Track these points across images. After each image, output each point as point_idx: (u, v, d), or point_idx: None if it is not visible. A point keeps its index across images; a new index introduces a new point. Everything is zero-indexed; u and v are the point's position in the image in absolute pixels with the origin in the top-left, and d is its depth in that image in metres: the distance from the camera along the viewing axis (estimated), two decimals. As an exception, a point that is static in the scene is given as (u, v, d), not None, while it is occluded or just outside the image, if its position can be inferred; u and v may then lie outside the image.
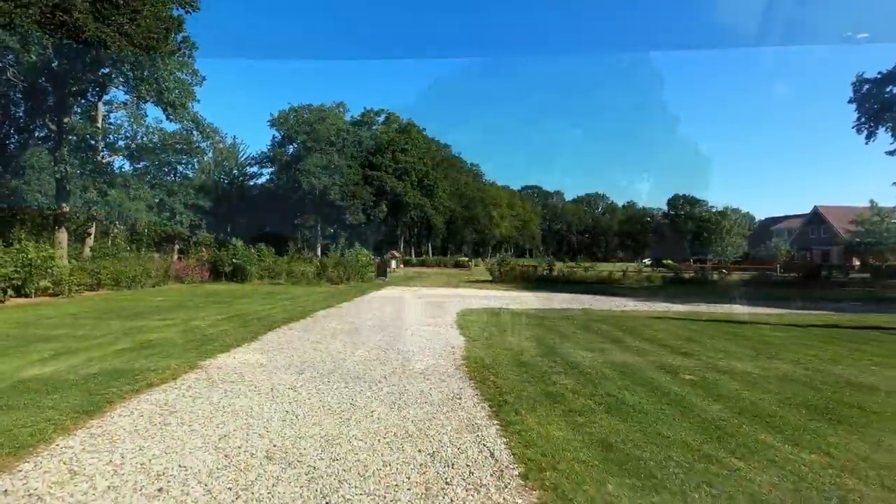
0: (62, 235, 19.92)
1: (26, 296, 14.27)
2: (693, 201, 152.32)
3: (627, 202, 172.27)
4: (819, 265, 38.34)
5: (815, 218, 56.98)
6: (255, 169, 50.51)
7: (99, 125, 33.09)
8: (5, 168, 27.57)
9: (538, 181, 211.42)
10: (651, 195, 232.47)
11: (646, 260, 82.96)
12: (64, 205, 20.07)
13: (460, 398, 5.13)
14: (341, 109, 50.31)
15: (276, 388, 5.39)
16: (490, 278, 29.88)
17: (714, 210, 55.37)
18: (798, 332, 10.38)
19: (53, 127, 19.44)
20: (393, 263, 39.88)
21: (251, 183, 51.42)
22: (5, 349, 7.05)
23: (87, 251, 32.37)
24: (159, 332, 8.91)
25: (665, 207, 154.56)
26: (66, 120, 19.66)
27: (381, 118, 56.34)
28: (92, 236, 33.43)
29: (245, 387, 5.42)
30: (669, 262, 68.09)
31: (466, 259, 57.52)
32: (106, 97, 34.14)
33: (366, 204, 47.00)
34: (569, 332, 9.75)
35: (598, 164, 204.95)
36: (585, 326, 10.54)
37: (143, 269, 19.42)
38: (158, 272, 20.84)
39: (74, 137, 21.10)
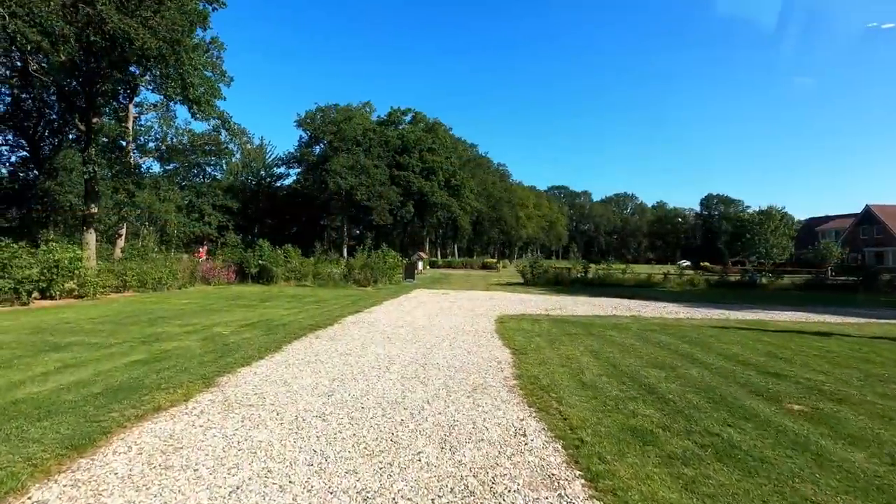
0: (90, 236, 19.86)
1: (52, 298, 14.02)
2: (728, 201, 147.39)
3: (657, 202, 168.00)
4: (878, 268, 35.70)
5: (868, 217, 53.53)
6: (282, 169, 50.70)
7: (129, 127, 33.66)
8: (40, 170, 28.04)
9: (565, 181, 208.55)
10: (683, 195, 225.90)
11: (682, 262, 79.98)
12: (93, 206, 20.02)
13: (524, 434, 4.19)
14: (368, 109, 49.98)
15: (302, 416, 4.56)
16: (521, 280, 28.78)
17: (755, 210, 52.46)
18: None
19: (82, 127, 19.36)
20: (420, 265, 39.16)
21: (278, 184, 51.58)
22: (10, 360, 6.47)
23: (117, 252, 32.85)
24: (178, 340, 8.27)
25: (697, 208, 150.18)
26: (94, 120, 19.61)
27: (408, 117, 55.80)
28: (123, 237, 33.91)
29: (266, 413, 4.61)
30: (706, 264, 65.43)
31: (494, 260, 56.40)
32: (136, 99, 34.75)
33: (392, 204, 46.47)
34: (626, 343, 8.67)
35: (628, 163, 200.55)
36: (643, 337, 9.43)
37: (170, 270, 19.13)
38: (185, 274, 20.56)
39: (105, 139, 21.11)
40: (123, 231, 33.75)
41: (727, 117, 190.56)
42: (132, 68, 18.70)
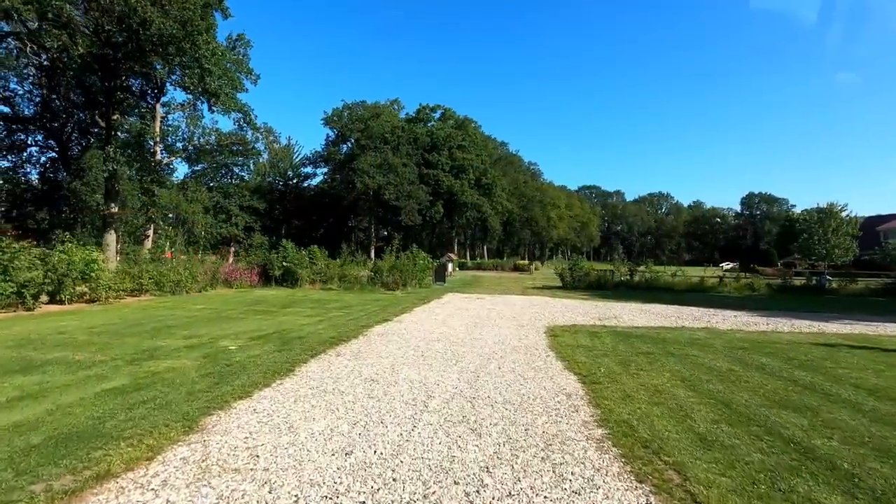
0: (111, 237, 19.21)
1: (61, 302, 13.16)
2: (771, 199, 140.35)
3: (694, 202, 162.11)
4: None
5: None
6: (309, 169, 50.10)
7: (157, 127, 33.43)
8: (68, 170, 27.93)
9: (597, 180, 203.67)
10: (721, 194, 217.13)
11: (725, 264, 75.82)
12: (113, 205, 19.36)
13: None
14: (396, 107, 48.88)
15: (306, 494, 3.09)
16: (559, 284, 26.92)
17: (813, 208, 48.63)
18: None
19: (103, 124, 18.72)
20: (449, 266, 37.69)
21: (305, 184, 51.08)
22: (-40, 386, 5.27)
23: (145, 253, 32.64)
24: (175, 357, 7.00)
25: (737, 207, 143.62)
26: (115, 117, 18.95)
27: (437, 114, 54.34)
28: (150, 238, 33.72)
29: (253, 488, 3.15)
30: (757, 266, 61.44)
31: (526, 262, 54.39)
32: (163, 98, 34.55)
33: (421, 204, 45.10)
34: (721, 368, 6.91)
35: (663, 161, 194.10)
36: (737, 359, 7.63)
37: (189, 272, 18.23)
38: (205, 276, 19.68)
39: (126, 135, 20.51)
40: (151, 232, 33.64)
41: (767, 114, 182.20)
42: (149, 61, 17.74)
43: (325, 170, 50.68)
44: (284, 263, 22.16)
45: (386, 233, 56.12)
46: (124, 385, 5.48)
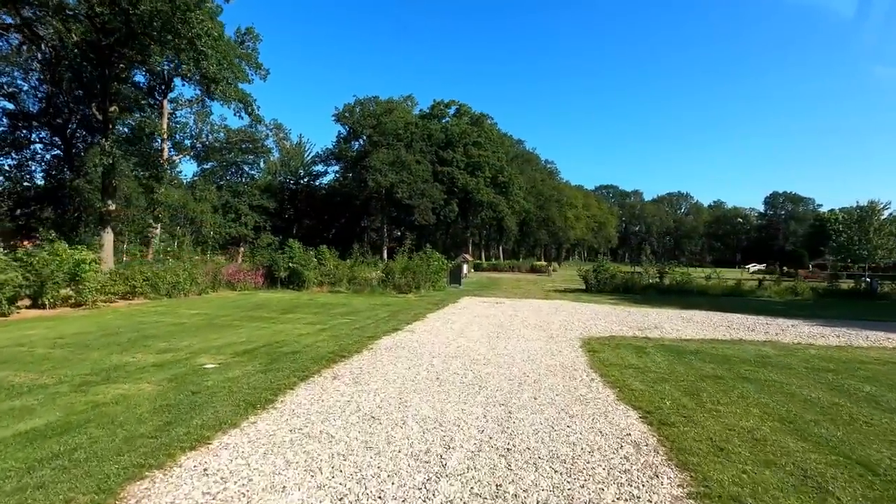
0: (108, 237, 18.21)
1: (42, 307, 12.09)
2: (797, 199, 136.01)
3: (714, 201, 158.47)
4: None
5: None
6: (320, 167, 49.02)
7: (164, 124, 32.67)
8: (70, 167, 27.24)
9: (614, 180, 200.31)
10: (742, 194, 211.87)
11: (751, 265, 72.97)
12: (110, 202, 18.37)
13: None
14: (410, 103, 47.62)
15: None
16: (583, 287, 25.34)
17: (854, 206, 46.01)
18: None
19: (99, 116, 17.75)
20: (465, 268, 36.30)
21: (317, 183, 50.07)
22: None
23: (151, 254, 31.91)
24: (136, 380, 5.76)
25: (759, 207, 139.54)
26: (112, 109, 17.97)
27: (452, 110, 52.76)
28: (157, 238, 33.00)
29: None
30: (787, 267, 58.79)
31: (544, 263, 52.68)
32: (171, 95, 33.83)
33: (435, 203, 43.67)
34: (822, 400, 5.42)
35: (682, 160, 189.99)
36: (831, 384, 6.13)
37: (188, 274, 17.15)
38: (206, 278, 18.60)
39: (126, 129, 19.58)
40: (157, 232, 32.91)
41: (791, 111, 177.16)
42: (143, 44, 16.66)
43: (337, 168, 49.66)
44: (290, 265, 21.00)
45: (399, 233, 54.98)
46: (48, 424, 4.21)
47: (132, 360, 6.89)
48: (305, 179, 48.89)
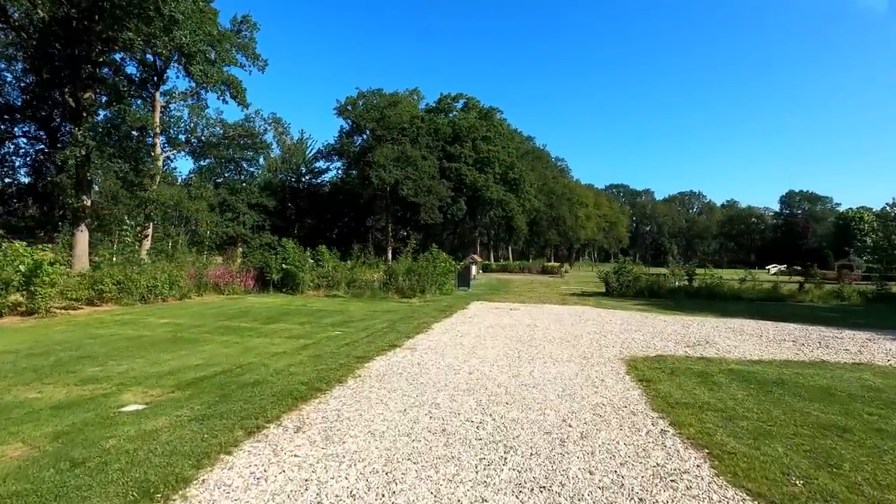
0: (81, 236, 16.62)
1: (-15, 316, 10.46)
2: (814, 198, 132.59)
3: (727, 201, 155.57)
4: None
5: None
6: (321, 163, 47.23)
7: (157, 117, 31.16)
8: (51, 161, 25.77)
9: (624, 179, 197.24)
10: (756, 193, 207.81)
11: (772, 267, 70.35)
12: (84, 197, 16.77)
13: None
14: (416, 97, 45.78)
15: None
16: (602, 290, 23.45)
17: (888, 205, 43.43)
18: None
19: (72, 102, 16.16)
20: (473, 269, 34.48)
21: (318, 180, 48.35)
22: None
23: (143, 254, 30.38)
24: (1, 437, 3.99)
25: (774, 206, 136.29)
26: (86, 95, 16.37)
27: (460, 104, 50.80)
28: (150, 238, 31.48)
29: None
30: (812, 268, 56.18)
31: (557, 264, 50.69)
32: (163, 87, 32.31)
33: (442, 201, 41.73)
34: None
35: (694, 158, 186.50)
36: None
37: (167, 276, 15.50)
38: (188, 281, 16.96)
39: (104, 116, 17.98)
40: (150, 231, 31.39)
41: (808, 108, 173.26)
42: (113, 16, 14.99)
43: (339, 164, 47.95)
44: (284, 266, 19.32)
45: (405, 233, 53.20)
46: None
47: (36, 395, 5.18)
48: (307, 177, 47.25)
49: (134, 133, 19.51)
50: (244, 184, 38.53)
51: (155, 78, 31.16)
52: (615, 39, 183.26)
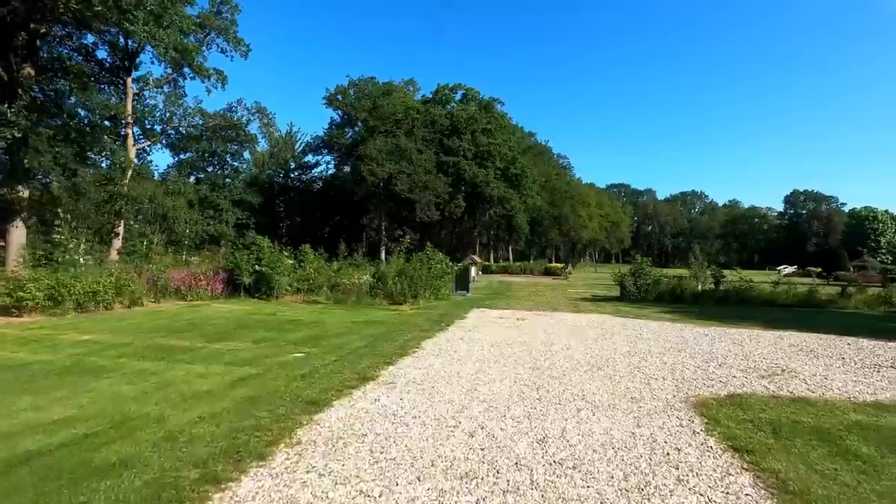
0: (16, 232, 14.31)
1: None
2: (819, 197, 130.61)
3: (729, 201, 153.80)
4: None
5: None
6: (311, 158, 44.72)
7: (129, 105, 28.86)
8: None
9: (626, 178, 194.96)
10: (757, 192, 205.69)
11: (783, 268, 68.15)
12: (21, 187, 14.46)
13: None
14: (411, 88, 43.43)
15: None
16: (614, 293, 21.26)
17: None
18: None
19: (4, 75, 13.85)
20: (473, 271, 32.21)
21: (308, 176, 45.77)
22: None
23: (113, 255, 28.08)
24: None
25: (777, 206, 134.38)
26: (24, 68, 14.07)
27: (458, 95, 48.35)
28: (120, 237, 29.19)
29: None
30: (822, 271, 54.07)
31: (560, 265, 48.43)
32: (135, 73, 30.03)
33: (439, 197, 39.31)
34: None
35: (695, 158, 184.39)
36: None
37: (113, 281, 13.21)
38: (145, 285, 14.69)
39: (37, 93, 15.60)
40: (121, 230, 29.06)
41: (817, 107, 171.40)
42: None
43: (330, 158, 45.48)
44: (257, 267, 17.02)
45: (402, 232, 50.81)
46: None
47: None
48: (296, 173, 44.80)
49: (80, 112, 17.12)
50: (227, 179, 36.20)
51: (126, 62, 28.91)
52: (616, 38, 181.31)
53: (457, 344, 9.01)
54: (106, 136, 31.37)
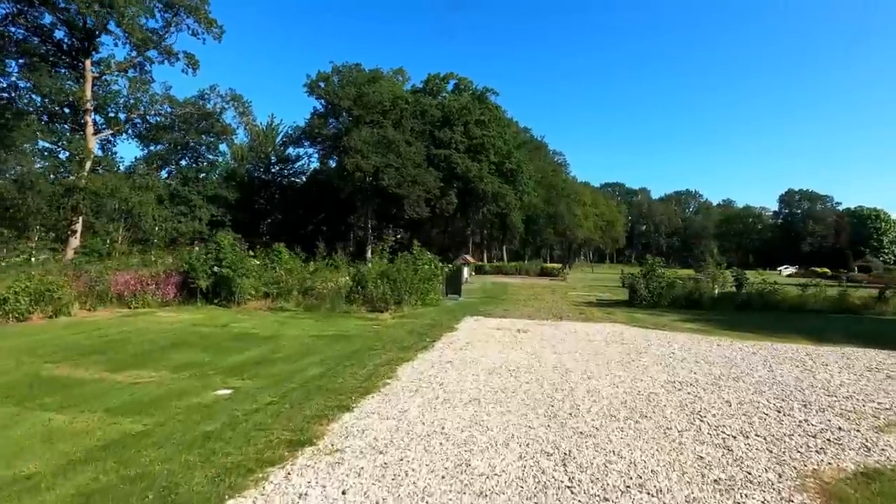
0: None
1: None
2: (814, 197, 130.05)
3: (724, 200, 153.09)
4: None
5: None
6: (292, 150, 42.14)
7: (87, 90, 26.47)
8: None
9: (620, 177, 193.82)
10: (751, 192, 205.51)
11: (783, 268, 66.84)
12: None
13: None
14: (400, 78, 41.09)
15: None
16: (621, 297, 19.29)
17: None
18: None
19: None
20: (465, 272, 30.11)
21: (290, 169, 43.17)
22: None
23: (69, 254, 25.70)
24: None
25: (771, 205, 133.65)
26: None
27: (450, 85, 45.89)
28: (78, 235, 26.79)
29: None
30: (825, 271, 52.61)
31: (558, 266, 46.43)
32: (96, 56, 27.65)
33: (430, 193, 36.97)
34: None
35: (689, 157, 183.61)
36: None
37: (30, 287, 10.95)
38: (79, 290, 12.46)
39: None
40: (78, 227, 26.65)
41: (810, 107, 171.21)
42: None
43: (313, 152, 43.00)
44: (216, 269, 14.77)
45: (392, 230, 48.54)
46: None
47: None
48: (277, 167, 42.25)
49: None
50: (202, 174, 33.69)
51: (85, 44, 26.48)
52: (610, 37, 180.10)
53: (443, 371, 6.90)
54: (65, 125, 29.07)
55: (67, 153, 26.72)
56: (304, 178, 44.23)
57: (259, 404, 5.23)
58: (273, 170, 42.02)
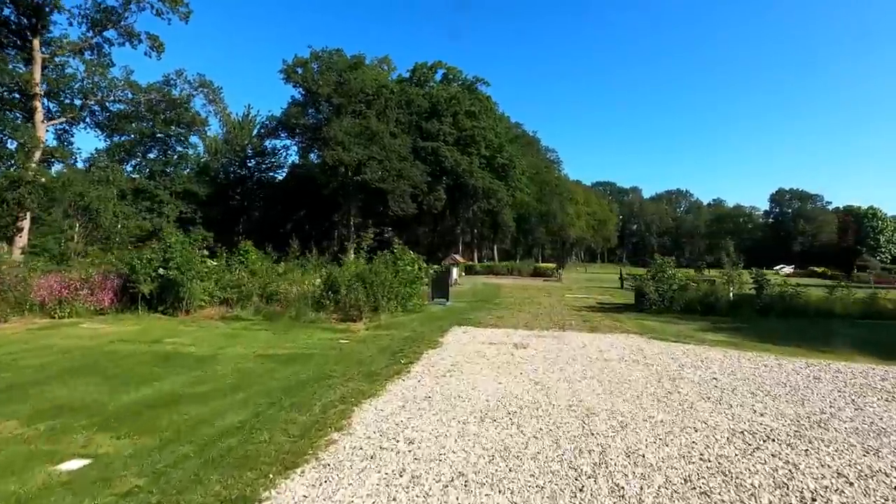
0: None
1: None
2: (804, 196, 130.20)
3: (714, 199, 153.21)
4: None
5: None
6: (269, 143, 39.74)
7: (36, 73, 24.10)
8: None
9: (611, 176, 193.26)
10: (741, 191, 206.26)
11: (780, 267, 65.82)
12: None
13: None
14: (386, 67, 38.95)
15: None
16: (625, 300, 17.53)
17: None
18: None
19: None
20: (454, 273, 28.23)
21: (269, 162, 40.77)
22: None
23: (16, 255, 23.29)
24: None
25: (762, 205, 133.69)
26: None
27: (439, 75, 43.70)
28: (25, 233, 24.39)
29: None
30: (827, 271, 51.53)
31: (553, 266, 44.66)
32: (47, 35, 25.28)
33: (416, 188, 34.85)
34: None
35: (680, 156, 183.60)
36: None
37: None
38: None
39: None
40: (26, 224, 24.26)
41: (795, 107, 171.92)
42: None
43: (291, 144, 40.66)
44: (161, 271, 12.67)
45: (379, 229, 46.34)
46: None
47: None
48: (254, 161, 39.86)
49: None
50: (170, 167, 31.31)
51: (34, 20, 24.12)
52: (602, 37, 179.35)
53: (418, 415, 4.99)
54: (16, 112, 26.66)
55: (15, 143, 24.30)
56: (283, 173, 41.98)
57: (114, 493, 3.27)
58: (250, 164, 39.67)
